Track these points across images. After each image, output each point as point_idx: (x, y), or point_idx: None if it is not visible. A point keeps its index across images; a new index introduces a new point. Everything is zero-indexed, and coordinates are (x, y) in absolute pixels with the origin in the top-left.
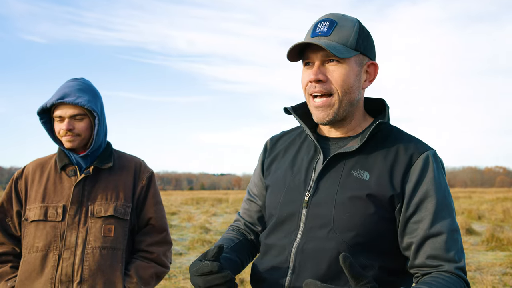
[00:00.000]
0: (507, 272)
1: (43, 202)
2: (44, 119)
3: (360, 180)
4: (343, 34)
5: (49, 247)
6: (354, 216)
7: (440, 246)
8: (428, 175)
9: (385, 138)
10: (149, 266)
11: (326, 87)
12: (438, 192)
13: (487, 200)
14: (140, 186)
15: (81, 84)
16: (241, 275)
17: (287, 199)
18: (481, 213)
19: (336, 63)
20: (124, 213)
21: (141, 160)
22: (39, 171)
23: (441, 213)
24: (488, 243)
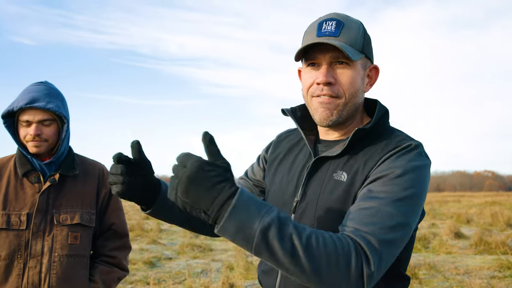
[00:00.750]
0: (495, 276)
1: (4, 209)
2: (8, 122)
3: (338, 182)
4: (351, 35)
5: (13, 255)
6: (330, 218)
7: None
8: (392, 157)
9: (373, 139)
10: (111, 270)
11: (334, 90)
12: (394, 172)
13: (476, 204)
14: (103, 192)
15: (48, 88)
16: (231, 280)
17: (278, 204)
18: (469, 217)
19: (344, 66)
20: (89, 220)
21: (103, 165)
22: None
23: (385, 189)
24: (476, 247)
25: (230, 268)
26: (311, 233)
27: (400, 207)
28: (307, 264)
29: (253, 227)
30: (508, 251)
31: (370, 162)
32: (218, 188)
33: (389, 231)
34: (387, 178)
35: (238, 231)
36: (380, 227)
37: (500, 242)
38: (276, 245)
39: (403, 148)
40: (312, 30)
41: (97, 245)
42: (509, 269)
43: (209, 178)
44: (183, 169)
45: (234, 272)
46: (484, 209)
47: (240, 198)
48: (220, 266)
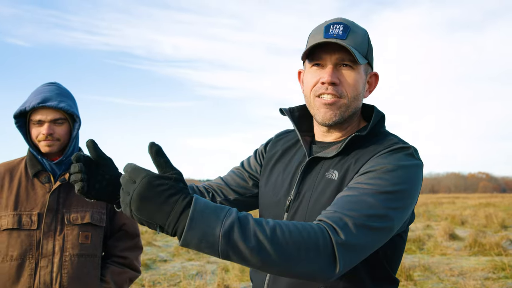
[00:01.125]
0: (489, 277)
1: (15, 209)
2: (19, 122)
3: (329, 180)
4: (358, 40)
5: (24, 255)
6: None
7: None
8: (382, 155)
9: (368, 142)
10: (123, 271)
11: (338, 90)
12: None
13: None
14: None
15: (59, 89)
16: (226, 282)
17: (273, 202)
18: (464, 218)
19: (349, 68)
20: (100, 219)
21: None
22: (8, 177)
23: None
24: (471, 248)
25: (225, 270)
26: (275, 225)
27: (383, 200)
28: (276, 255)
29: (215, 233)
30: (502, 252)
31: (360, 160)
32: (171, 201)
33: (367, 218)
34: (376, 172)
35: (201, 241)
36: (358, 213)
37: (494, 244)
38: (242, 245)
39: (394, 148)
40: (318, 32)
41: (108, 245)
42: (503, 271)
43: (160, 193)
44: (133, 185)
45: (229, 274)
46: (479, 211)
47: (197, 208)
48: (215, 268)
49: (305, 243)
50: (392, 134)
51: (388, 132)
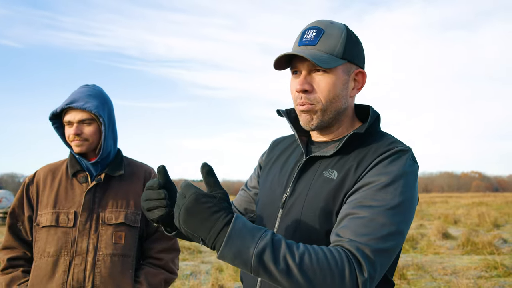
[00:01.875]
0: (481, 276)
1: (54, 208)
2: (56, 124)
3: (328, 179)
4: (330, 42)
5: (60, 252)
6: (317, 215)
7: (354, 223)
8: (381, 164)
9: (362, 143)
10: (158, 272)
11: (310, 97)
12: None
13: (463, 204)
14: None
15: (91, 90)
16: (220, 282)
17: (269, 200)
18: (457, 217)
19: (322, 73)
20: (134, 220)
21: (150, 167)
22: (51, 177)
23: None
24: (463, 247)
25: (220, 270)
26: (304, 251)
27: (392, 216)
28: (303, 281)
29: (249, 252)
30: (495, 251)
31: (362, 164)
32: (213, 218)
33: (383, 240)
34: (378, 185)
35: (236, 257)
36: (374, 237)
37: (487, 243)
38: (272, 267)
39: (393, 153)
40: (296, 39)
41: (144, 247)
42: (496, 269)
43: (205, 209)
44: (183, 199)
45: (223, 274)
46: (471, 210)
47: (235, 227)
48: (210, 268)
49: (331, 272)
50: (388, 134)
51: (384, 132)
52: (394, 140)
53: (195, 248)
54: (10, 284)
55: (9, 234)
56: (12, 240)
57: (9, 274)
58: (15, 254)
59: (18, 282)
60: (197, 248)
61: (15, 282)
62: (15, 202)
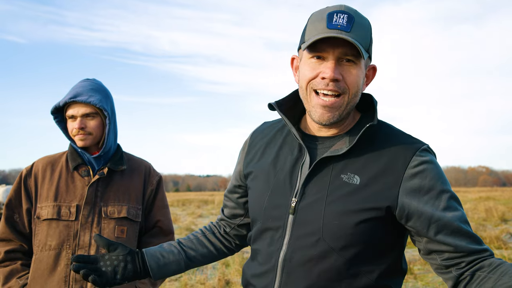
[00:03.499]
0: None
1: (55, 200)
2: (58, 118)
3: (350, 185)
4: (362, 33)
5: (62, 245)
6: (344, 223)
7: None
8: (428, 173)
9: (373, 137)
10: None
11: (340, 87)
12: (443, 186)
13: (470, 199)
14: (149, 189)
15: (93, 84)
16: (227, 277)
17: (272, 204)
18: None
19: (351, 63)
20: (136, 215)
21: (149, 163)
22: (50, 169)
23: (453, 206)
24: None
25: (226, 264)
26: None
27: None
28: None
29: None
30: (503, 246)
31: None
32: None
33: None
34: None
35: None
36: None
37: (494, 237)
38: None
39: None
40: (320, 20)
41: (143, 242)
42: None
43: None
44: None
45: (230, 269)
46: (479, 204)
47: None
48: (216, 263)
49: None
50: (392, 126)
51: (386, 123)
52: (407, 137)
53: None
54: (9, 277)
55: (5, 226)
56: (8, 232)
57: (8, 266)
58: (12, 247)
59: (17, 275)
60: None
61: (14, 275)
62: (12, 193)
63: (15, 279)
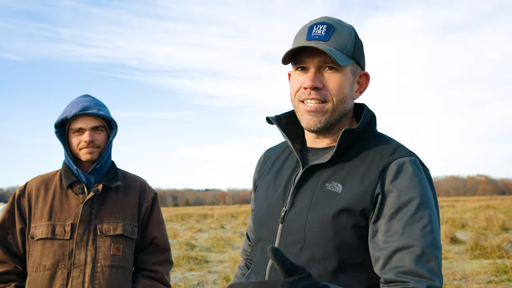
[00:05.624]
0: (491, 280)
1: (49, 220)
2: (59, 132)
3: (332, 193)
4: (341, 40)
5: (57, 265)
6: (323, 231)
7: (410, 260)
8: (401, 182)
9: (364, 146)
10: (153, 285)
11: (322, 95)
12: (413, 201)
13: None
14: (145, 206)
15: (95, 99)
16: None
17: (267, 214)
18: (464, 221)
19: (333, 71)
20: (131, 232)
21: (144, 180)
22: (44, 188)
23: (416, 224)
24: (472, 252)
25: (227, 279)
26: None
27: (435, 237)
28: None
29: None
30: (504, 255)
31: (368, 177)
32: None
33: (438, 266)
34: (411, 208)
35: None
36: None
37: (495, 246)
38: None
39: (404, 164)
40: (302, 33)
41: (139, 259)
42: (506, 273)
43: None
44: None
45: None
46: (479, 214)
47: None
48: (217, 277)
49: None
50: (387, 136)
51: (382, 134)
52: (397, 145)
53: (201, 258)
54: None
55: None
56: (2, 253)
57: None
58: (5, 269)
59: None
60: (203, 258)
61: None
62: (5, 214)
63: None
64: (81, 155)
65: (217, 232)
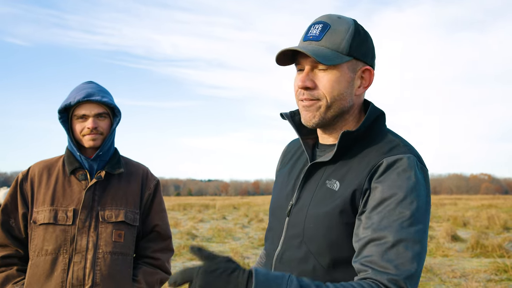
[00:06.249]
0: (491, 279)
1: (52, 205)
2: (63, 118)
3: (330, 190)
4: (335, 38)
5: (59, 250)
6: (317, 227)
7: (378, 251)
8: (389, 177)
9: (366, 145)
10: (155, 272)
11: (314, 94)
12: (396, 195)
13: (472, 207)
14: (147, 194)
15: (99, 86)
16: None
17: (278, 206)
18: (466, 220)
19: (326, 69)
20: (133, 219)
21: (147, 167)
22: (46, 174)
23: (394, 218)
24: (473, 250)
25: None
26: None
27: (414, 233)
28: None
29: None
30: (505, 254)
31: (361, 173)
32: (232, 279)
33: (410, 263)
34: (393, 202)
35: None
36: (402, 262)
37: (496, 245)
38: None
39: (399, 162)
40: (303, 34)
41: (140, 246)
42: (506, 272)
43: (219, 276)
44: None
45: None
46: (481, 212)
47: (258, 278)
48: None
49: None
50: (393, 134)
51: (388, 132)
52: (397, 144)
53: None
54: (5, 283)
55: (1, 231)
56: (4, 237)
57: (3, 272)
58: (7, 252)
59: (13, 281)
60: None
61: (10, 281)
62: (8, 198)
63: (11, 285)
64: (84, 142)
65: (219, 223)
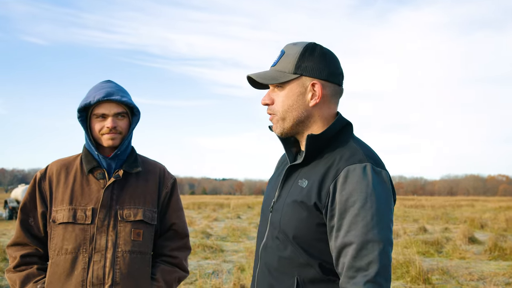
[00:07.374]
0: (510, 282)
1: (70, 204)
2: (82, 117)
3: (299, 187)
4: (285, 61)
5: (78, 249)
6: (290, 220)
7: (350, 255)
8: (348, 187)
9: (332, 150)
10: (172, 270)
11: (271, 109)
12: (357, 202)
13: (490, 208)
14: (164, 192)
15: (118, 85)
16: (242, 281)
17: (265, 206)
18: (483, 222)
19: (279, 88)
20: (151, 218)
21: (163, 166)
22: (64, 172)
23: (359, 223)
24: (491, 253)
25: (241, 269)
26: None
27: (378, 233)
28: None
29: None
30: None
31: (326, 177)
32: None
33: (379, 259)
34: (355, 209)
35: None
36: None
37: None
38: None
39: (351, 173)
40: None
41: (158, 245)
42: None
43: None
44: None
45: (245, 274)
46: (499, 214)
47: None
48: (231, 267)
49: None
50: (356, 142)
51: (352, 140)
52: (357, 151)
53: (217, 247)
54: (26, 281)
55: (20, 230)
56: (23, 236)
57: (24, 271)
58: (27, 251)
59: (33, 280)
60: (219, 247)
61: (31, 280)
62: (27, 197)
63: (32, 283)
64: (103, 141)
65: (233, 222)
